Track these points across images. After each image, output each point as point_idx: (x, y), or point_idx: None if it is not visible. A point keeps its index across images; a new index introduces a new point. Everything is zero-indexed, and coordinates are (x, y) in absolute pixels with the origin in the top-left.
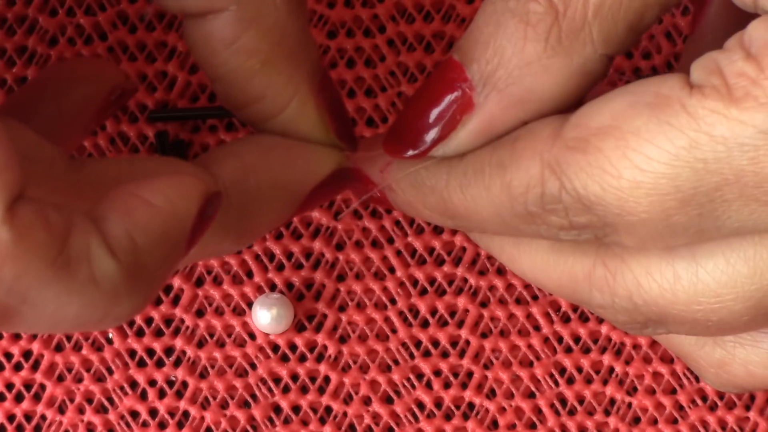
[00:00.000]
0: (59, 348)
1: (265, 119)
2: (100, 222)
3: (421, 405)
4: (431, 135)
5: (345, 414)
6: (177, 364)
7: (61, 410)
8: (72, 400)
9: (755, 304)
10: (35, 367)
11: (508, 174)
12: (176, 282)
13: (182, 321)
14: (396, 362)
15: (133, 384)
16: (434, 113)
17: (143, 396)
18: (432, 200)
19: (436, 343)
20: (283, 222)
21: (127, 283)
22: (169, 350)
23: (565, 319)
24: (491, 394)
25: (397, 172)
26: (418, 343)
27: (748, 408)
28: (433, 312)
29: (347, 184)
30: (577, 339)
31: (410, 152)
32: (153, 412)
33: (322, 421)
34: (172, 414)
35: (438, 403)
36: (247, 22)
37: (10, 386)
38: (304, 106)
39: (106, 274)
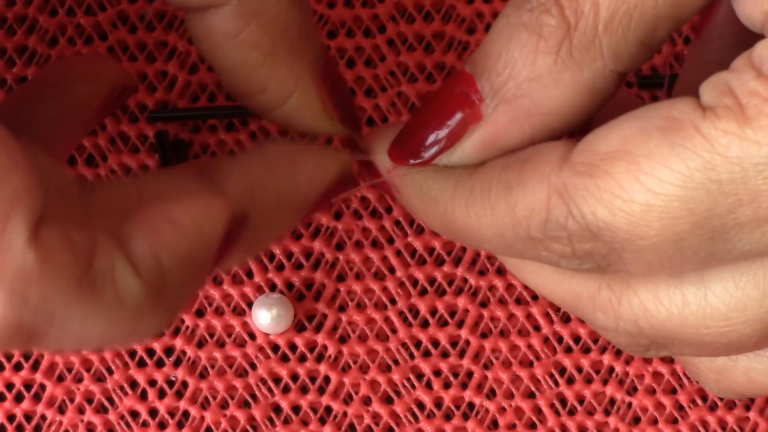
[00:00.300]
0: None
1: (270, 109)
2: (126, 241)
3: (421, 405)
4: (435, 144)
5: (345, 414)
6: (177, 364)
7: (61, 410)
8: (72, 400)
9: (765, 327)
10: (35, 367)
11: (514, 195)
12: None
13: (182, 321)
14: (396, 362)
15: (133, 384)
16: (442, 124)
17: (143, 396)
18: (435, 211)
19: (436, 343)
20: (292, 229)
21: (152, 301)
22: (169, 350)
23: (565, 319)
24: (491, 394)
25: (404, 173)
26: (418, 343)
27: (748, 408)
28: (433, 312)
29: (354, 185)
30: (577, 339)
31: (412, 161)
32: (153, 412)
33: (322, 421)
34: (172, 414)
35: (438, 403)
36: (249, 15)
37: (10, 386)
38: (306, 96)
39: (131, 294)
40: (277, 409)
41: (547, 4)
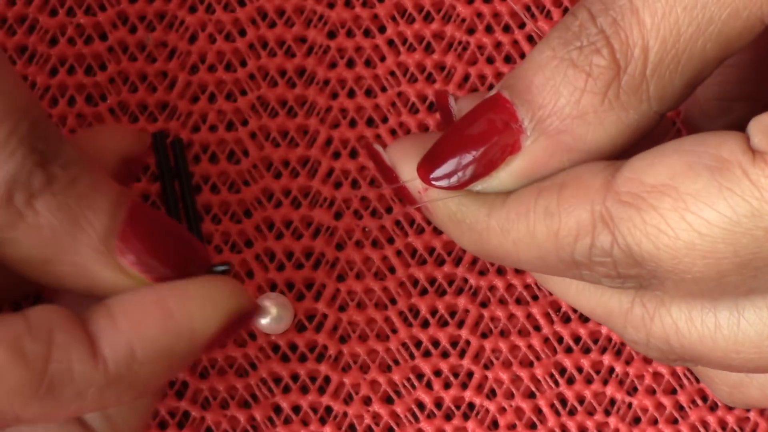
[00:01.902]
0: None
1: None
2: (104, 319)
3: (421, 405)
4: (470, 170)
5: (345, 414)
6: None
7: None
8: None
9: None
10: None
11: (556, 221)
12: None
13: None
14: (396, 362)
15: None
16: (476, 146)
17: None
18: (470, 237)
19: (436, 343)
20: (182, 370)
21: (116, 389)
22: None
23: (566, 320)
24: (491, 395)
25: (435, 198)
26: (418, 343)
27: (748, 408)
28: (434, 312)
29: (251, 319)
30: (577, 339)
31: (445, 182)
32: (153, 413)
33: (323, 421)
34: (172, 414)
35: (438, 403)
36: None
37: None
38: (110, 276)
39: (90, 386)
40: (278, 409)
41: (598, 45)
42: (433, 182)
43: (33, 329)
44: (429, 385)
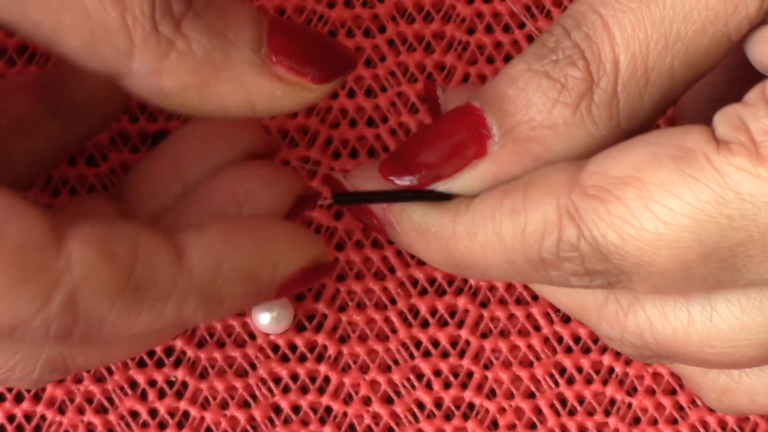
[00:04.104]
0: None
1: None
2: (196, 233)
3: (421, 405)
4: (433, 169)
5: (345, 414)
6: (177, 364)
7: (61, 410)
8: (72, 401)
9: None
10: None
11: (522, 219)
12: None
13: None
14: (396, 362)
15: (133, 384)
16: (440, 146)
17: (143, 396)
18: (435, 246)
19: (436, 344)
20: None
21: (195, 300)
22: (169, 350)
23: (565, 320)
24: (491, 395)
25: (400, 210)
26: (418, 344)
27: (737, 415)
28: (433, 312)
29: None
30: (577, 339)
31: (407, 179)
32: (153, 413)
33: (322, 422)
34: (172, 414)
35: (438, 404)
36: None
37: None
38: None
39: (175, 290)
40: (277, 409)
41: (573, 57)
42: (394, 179)
43: (119, 230)
44: (429, 385)
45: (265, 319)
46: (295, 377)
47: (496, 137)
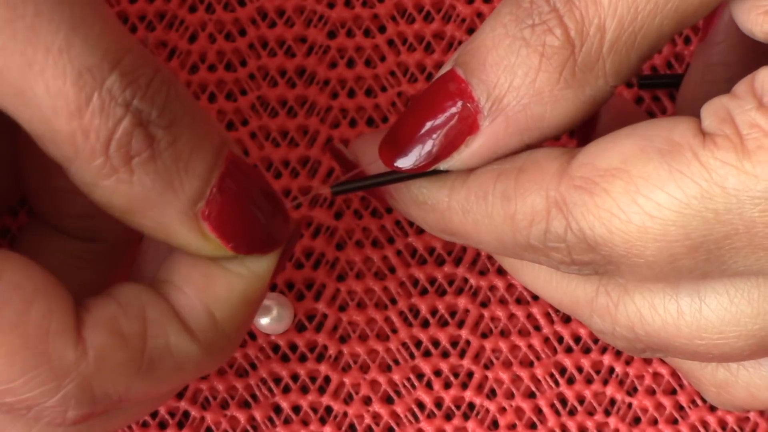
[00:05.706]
0: None
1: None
2: (175, 293)
3: (421, 405)
4: (431, 150)
5: (345, 414)
6: None
7: None
8: None
9: (757, 342)
10: None
11: (512, 206)
12: None
13: None
14: (396, 362)
15: None
16: (434, 128)
17: None
18: (432, 218)
19: (436, 343)
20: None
21: (210, 355)
22: None
23: (566, 320)
24: (492, 394)
25: (397, 185)
26: (418, 343)
27: (736, 410)
28: (434, 312)
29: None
30: (577, 339)
31: (407, 164)
32: (153, 413)
33: (323, 421)
34: (172, 414)
35: (438, 403)
36: None
37: None
38: (189, 235)
39: (189, 358)
40: (278, 409)
41: (551, 24)
42: (397, 166)
43: (126, 308)
44: (429, 385)
45: (265, 320)
46: (295, 377)
47: (485, 110)
